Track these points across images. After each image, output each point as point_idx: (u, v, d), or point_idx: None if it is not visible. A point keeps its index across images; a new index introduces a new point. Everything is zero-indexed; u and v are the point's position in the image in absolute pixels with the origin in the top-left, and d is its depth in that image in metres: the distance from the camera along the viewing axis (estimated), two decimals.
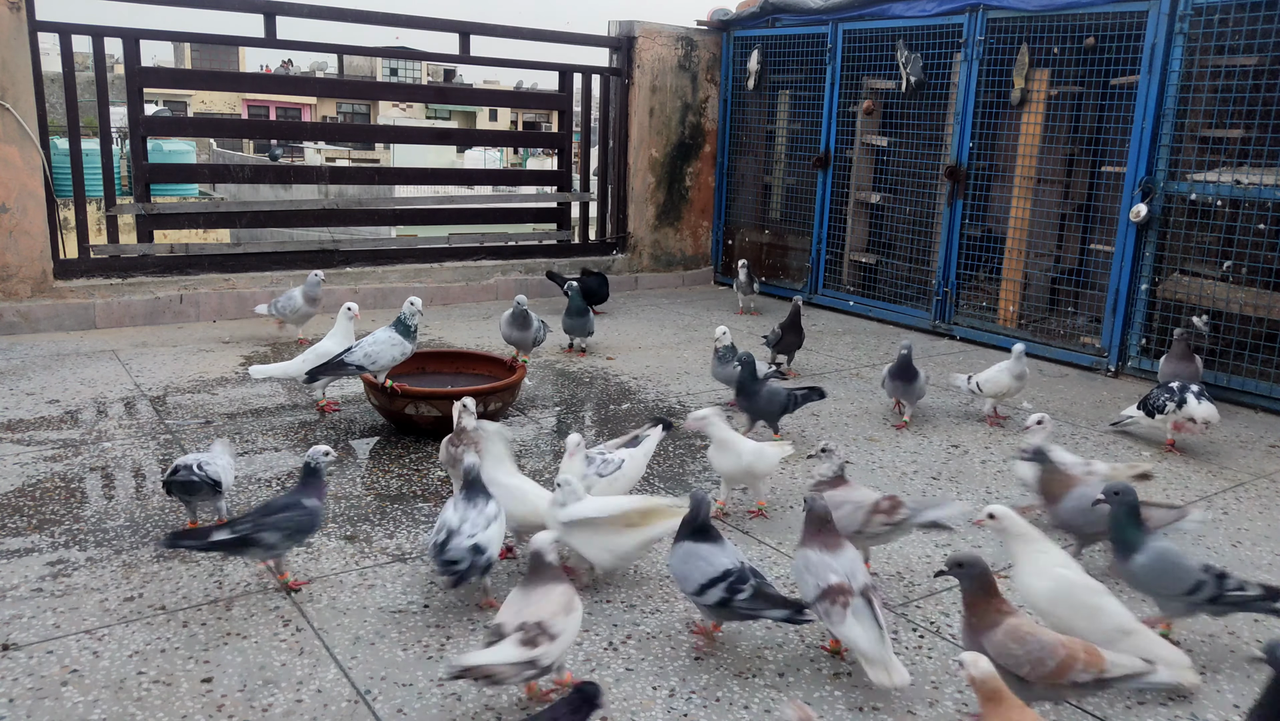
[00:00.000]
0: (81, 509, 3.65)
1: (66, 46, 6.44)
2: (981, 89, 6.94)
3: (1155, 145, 5.96)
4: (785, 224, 8.82)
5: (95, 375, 5.39)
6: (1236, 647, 2.99)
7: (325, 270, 7.39)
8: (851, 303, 8.07)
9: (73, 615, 2.89)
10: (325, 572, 3.23)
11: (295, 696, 2.55)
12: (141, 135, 6.87)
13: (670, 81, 8.70)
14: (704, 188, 9.18)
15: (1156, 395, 4.75)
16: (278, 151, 27.36)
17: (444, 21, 7.81)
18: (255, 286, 7.03)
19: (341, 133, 25.91)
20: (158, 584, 3.10)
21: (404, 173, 12.66)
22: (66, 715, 2.44)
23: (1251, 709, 2.21)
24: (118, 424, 4.61)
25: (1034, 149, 6.83)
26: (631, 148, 8.65)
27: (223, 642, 2.79)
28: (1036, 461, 3.50)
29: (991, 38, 6.82)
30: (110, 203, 6.69)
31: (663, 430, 3.78)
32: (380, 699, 2.56)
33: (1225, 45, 5.70)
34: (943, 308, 7.35)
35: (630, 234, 8.81)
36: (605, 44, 8.59)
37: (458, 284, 7.86)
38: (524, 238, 8.58)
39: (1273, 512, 4.11)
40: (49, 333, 6.28)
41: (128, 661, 2.67)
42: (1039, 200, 6.91)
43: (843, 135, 8.04)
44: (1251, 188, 5.55)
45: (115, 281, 6.64)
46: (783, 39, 8.39)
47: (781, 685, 2.68)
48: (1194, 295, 5.96)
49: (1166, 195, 5.95)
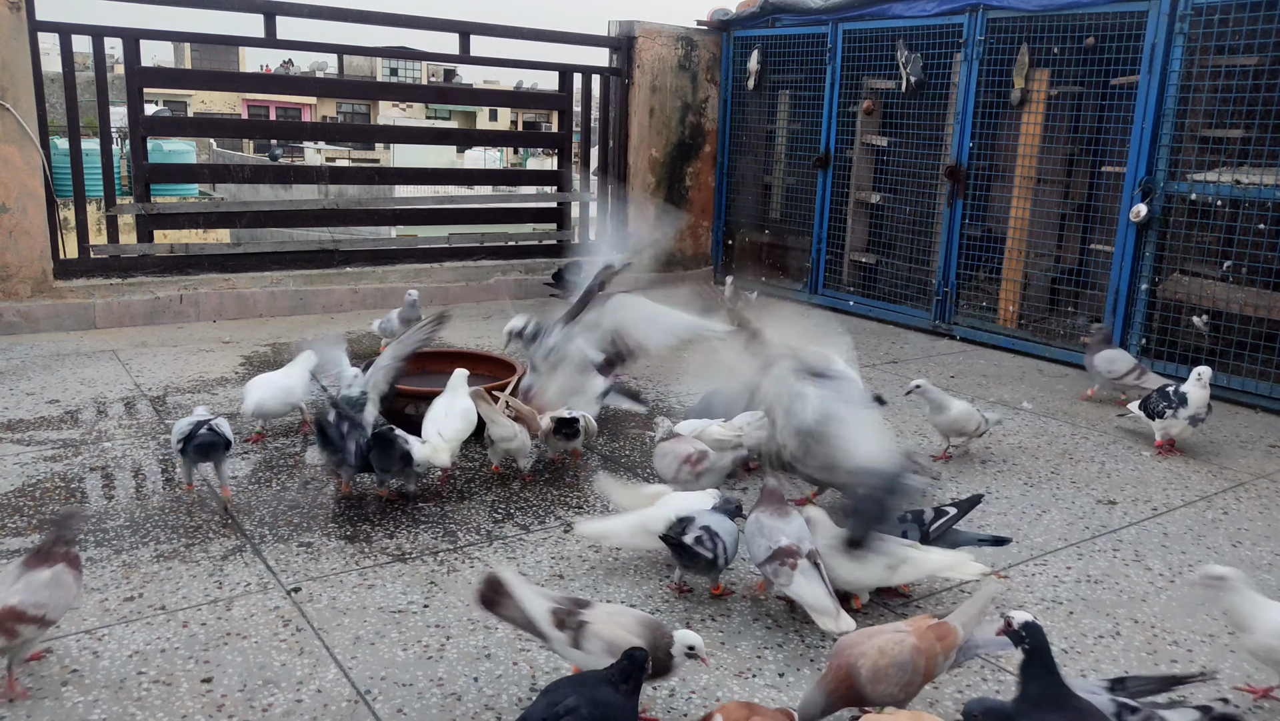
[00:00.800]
0: (81, 509, 3.65)
1: (66, 46, 6.44)
2: (981, 89, 6.93)
3: (1155, 145, 5.96)
4: (785, 224, 8.82)
5: (95, 375, 5.39)
6: (1237, 648, 2.99)
7: (325, 270, 7.41)
8: (851, 303, 8.06)
9: (73, 615, 2.89)
10: (325, 573, 3.23)
11: (295, 696, 2.55)
12: (141, 135, 6.87)
13: (670, 81, 8.70)
14: (704, 188, 9.17)
15: (1156, 400, 4.76)
16: (278, 151, 27.36)
17: (444, 21, 7.81)
18: (255, 286, 7.03)
19: (341, 133, 25.91)
20: (157, 584, 3.10)
21: (404, 173, 12.65)
22: (66, 715, 2.44)
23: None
24: (118, 424, 4.61)
25: (1034, 149, 6.82)
26: (631, 148, 8.65)
27: (223, 642, 2.79)
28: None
29: (991, 38, 6.82)
30: (110, 203, 6.69)
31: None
32: (380, 699, 2.56)
33: (1225, 45, 5.70)
34: (943, 308, 7.35)
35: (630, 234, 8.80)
36: (605, 44, 8.58)
37: (458, 284, 7.86)
38: (524, 238, 8.58)
39: (1273, 512, 4.11)
40: (49, 332, 6.28)
41: (128, 661, 2.67)
42: (1039, 200, 6.91)
43: (843, 135, 8.04)
44: (1251, 188, 5.55)
45: (115, 281, 6.64)
46: (783, 39, 8.38)
47: (781, 685, 2.68)
48: (1194, 295, 5.96)
49: (1166, 195, 5.95)
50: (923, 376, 4.47)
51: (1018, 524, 3.87)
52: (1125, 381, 5.41)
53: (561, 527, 3.66)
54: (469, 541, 3.51)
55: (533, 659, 2.76)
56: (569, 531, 3.62)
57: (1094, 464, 4.61)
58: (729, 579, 3.24)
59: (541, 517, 3.74)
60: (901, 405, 5.16)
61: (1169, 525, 3.92)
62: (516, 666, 2.72)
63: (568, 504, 3.89)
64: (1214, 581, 2.68)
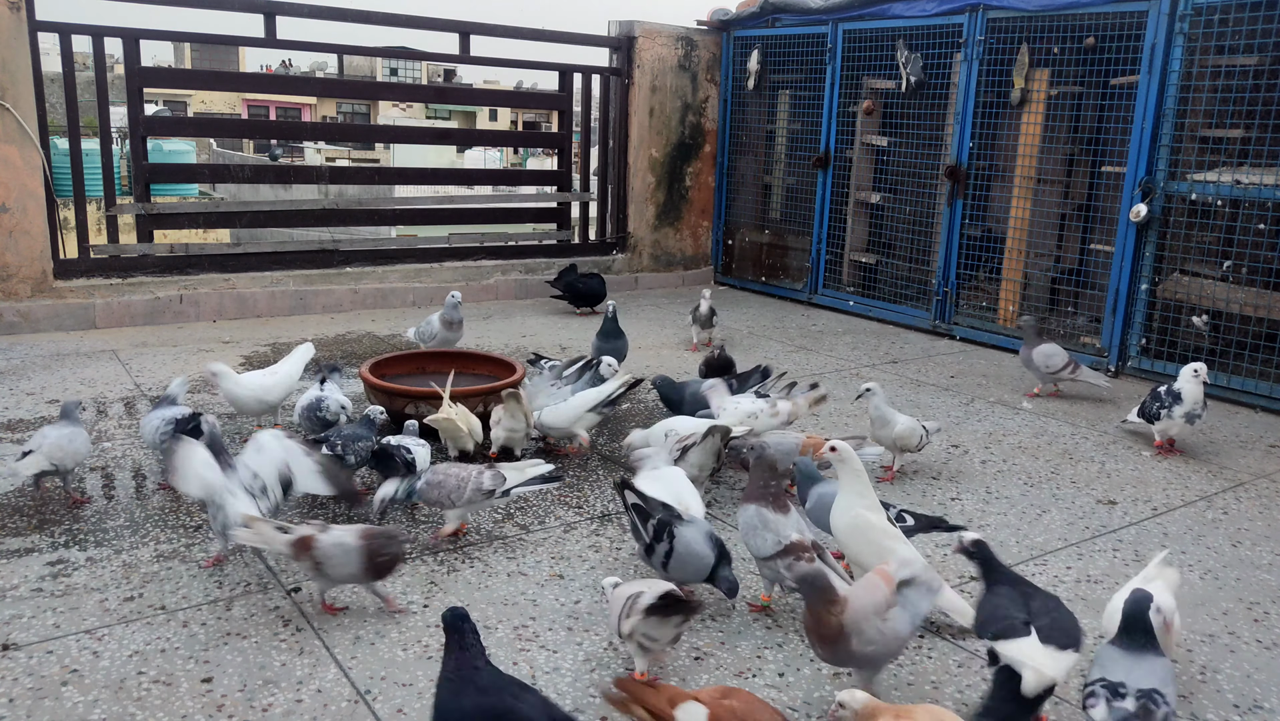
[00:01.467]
0: (81, 509, 3.65)
1: (66, 46, 6.44)
2: (981, 89, 6.93)
3: (1155, 145, 5.96)
4: (785, 224, 8.82)
5: (95, 375, 5.39)
6: (1237, 648, 2.99)
7: (325, 270, 7.41)
8: (851, 302, 8.07)
9: (73, 615, 2.89)
10: None
11: (295, 696, 2.55)
12: (141, 135, 6.87)
13: (670, 81, 8.70)
14: (704, 187, 9.18)
15: (1150, 403, 4.76)
16: (278, 151, 27.35)
17: (444, 21, 7.81)
18: (255, 286, 7.03)
19: (341, 132, 25.90)
20: (158, 584, 3.10)
21: (404, 173, 12.66)
22: (66, 715, 2.44)
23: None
24: (117, 424, 4.61)
25: (1034, 149, 6.82)
26: (631, 147, 8.65)
27: (223, 642, 2.79)
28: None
29: (991, 37, 6.82)
30: (110, 202, 6.69)
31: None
32: (380, 698, 2.56)
33: (1225, 45, 5.70)
34: (943, 307, 7.35)
35: (630, 234, 8.81)
36: (605, 44, 8.59)
37: (458, 284, 7.86)
38: (524, 237, 8.58)
39: (1273, 513, 4.10)
40: (49, 332, 6.28)
41: (128, 661, 2.67)
42: (1039, 200, 6.91)
43: (843, 135, 8.04)
44: (1251, 187, 5.55)
45: (115, 281, 6.64)
46: (783, 39, 8.39)
47: (781, 685, 2.68)
48: (1194, 295, 5.96)
49: (1166, 195, 5.95)
50: (874, 381, 4.27)
51: (1018, 524, 3.87)
52: (1061, 375, 5.54)
53: (562, 528, 3.66)
54: (469, 541, 3.51)
55: (532, 659, 2.76)
56: (569, 531, 3.62)
57: (1094, 464, 4.61)
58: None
59: (541, 518, 3.74)
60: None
61: (1169, 525, 3.92)
62: (516, 666, 2.72)
63: (568, 504, 3.89)
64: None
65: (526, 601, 3.08)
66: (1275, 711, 2.67)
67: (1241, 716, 2.64)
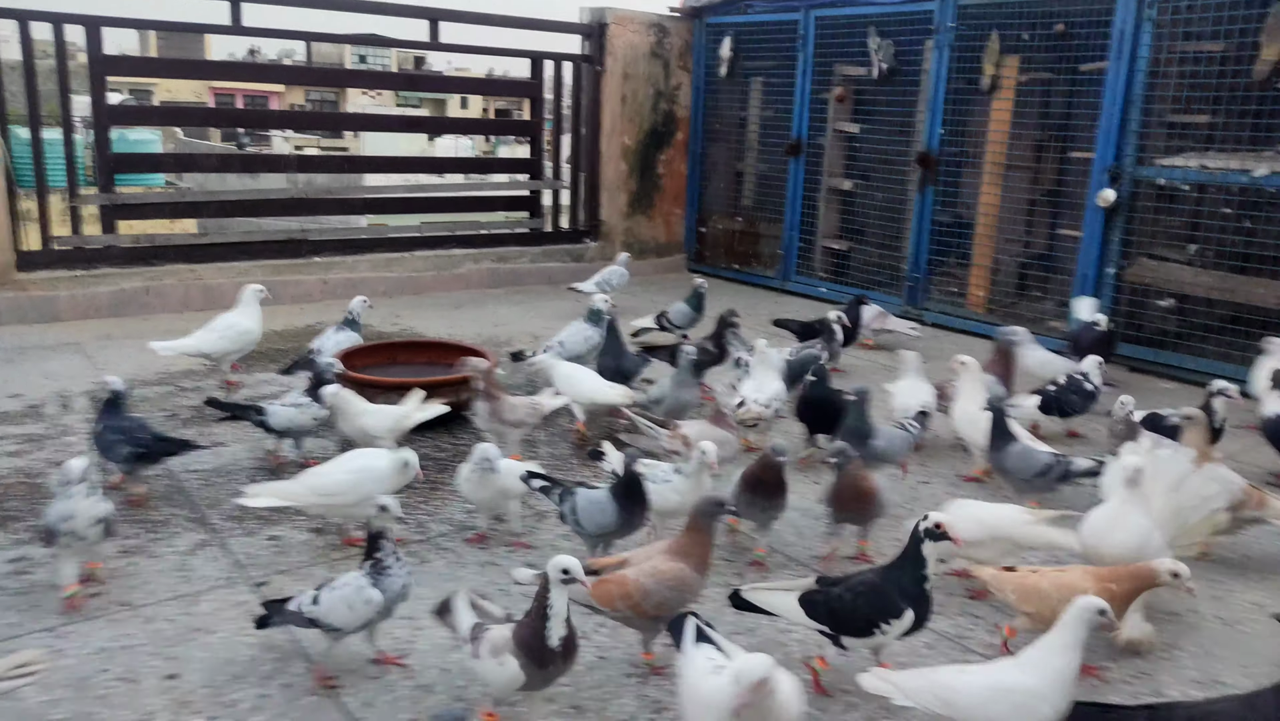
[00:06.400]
0: (44, 504, 3.57)
1: (25, 33, 6.30)
2: (952, 75, 6.95)
3: (1124, 131, 5.99)
4: (758, 211, 8.82)
5: (59, 369, 5.30)
6: (1198, 625, 3.02)
7: (294, 260, 7.32)
8: (824, 289, 8.08)
9: (34, 612, 2.84)
10: (293, 566, 3.19)
11: (262, 691, 2.53)
12: (105, 124, 6.74)
13: (642, 68, 8.65)
14: (676, 175, 9.15)
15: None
16: (245, 140, 26.96)
17: (413, 7, 7.70)
18: (222, 277, 6.92)
19: (310, 121, 25.53)
20: (122, 579, 3.06)
21: (374, 161, 12.53)
22: (26, 714, 2.40)
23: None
24: (82, 418, 4.53)
25: (1004, 135, 6.86)
26: (604, 135, 8.61)
27: (189, 638, 2.75)
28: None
29: (962, 24, 6.83)
30: (73, 193, 6.58)
31: None
32: (349, 692, 2.54)
33: (1193, 31, 5.75)
34: (914, 293, 7.38)
35: (603, 222, 8.77)
36: (577, 30, 8.52)
37: (429, 273, 7.80)
38: (496, 226, 8.52)
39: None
40: (11, 325, 6.16)
41: (90, 658, 2.63)
42: (1008, 186, 6.95)
43: (815, 122, 8.04)
44: (1218, 172, 5.60)
45: (79, 273, 6.52)
46: (755, 25, 8.36)
47: None
48: (1160, 279, 6.02)
49: (1134, 180, 6.00)
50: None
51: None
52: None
53: (534, 517, 3.64)
54: (439, 532, 3.49)
55: None
56: (541, 520, 3.60)
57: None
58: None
59: None
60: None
61: None
62: None
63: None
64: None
65: (498, 591, 3.07)
66: (1234, 687, 2.71)
67: (1200, 691, 2.67)
